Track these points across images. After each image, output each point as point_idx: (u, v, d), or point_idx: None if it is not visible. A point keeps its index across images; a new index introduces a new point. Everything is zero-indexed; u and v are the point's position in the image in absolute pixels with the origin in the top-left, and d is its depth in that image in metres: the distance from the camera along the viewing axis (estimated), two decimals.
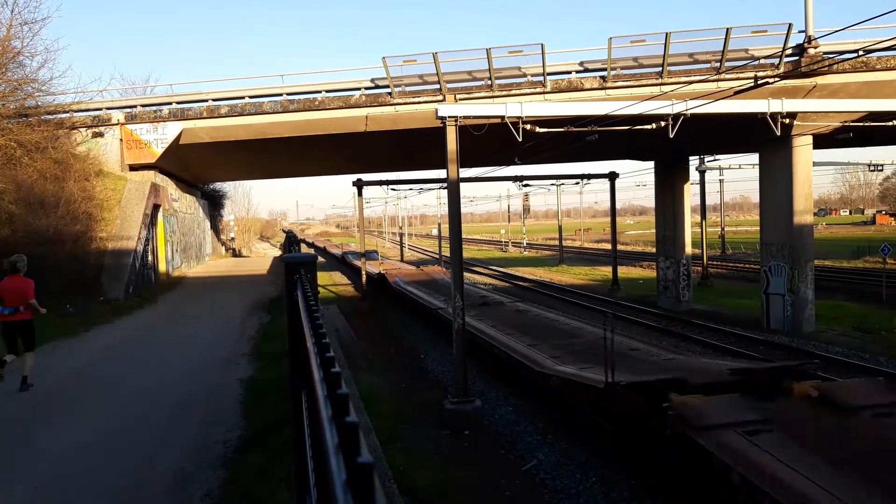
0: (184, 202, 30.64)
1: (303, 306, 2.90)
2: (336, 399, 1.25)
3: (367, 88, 20.10)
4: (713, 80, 17.49)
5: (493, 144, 14.69)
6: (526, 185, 33.81)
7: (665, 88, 17.51)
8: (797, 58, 17.31)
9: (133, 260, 20.60)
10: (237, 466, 6.49)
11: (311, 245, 76.24)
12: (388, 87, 19.38)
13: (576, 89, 18.71)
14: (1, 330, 9.71)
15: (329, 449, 1.10)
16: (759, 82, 16.34)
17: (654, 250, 30.95)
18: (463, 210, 13.46)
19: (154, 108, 22.12)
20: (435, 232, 68.56)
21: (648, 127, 13.73)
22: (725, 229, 50.52)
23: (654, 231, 26.15)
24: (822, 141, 18.44)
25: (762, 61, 17.40)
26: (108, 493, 6.05)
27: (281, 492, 5.48)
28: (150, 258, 23.49)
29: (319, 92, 20.58)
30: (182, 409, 8.69)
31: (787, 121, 14.97)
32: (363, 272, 28.40)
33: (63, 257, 17.88)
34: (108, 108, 22.70)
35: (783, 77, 17.15)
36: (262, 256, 50.67)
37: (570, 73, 19.02)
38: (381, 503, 0.91)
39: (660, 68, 18.00)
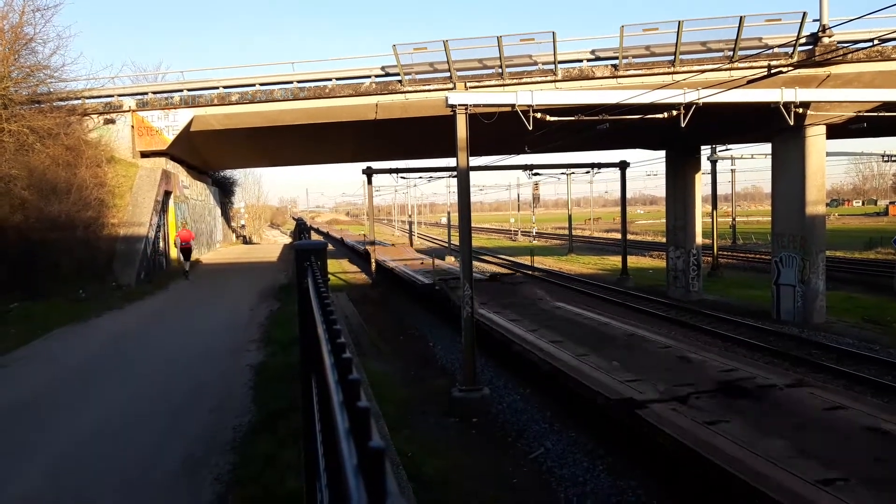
0: (195, 189, 30.75)
1: (313, 293, 2.91)
2: (347, 384, 1.26)
3: (377, 76, 20.06)
4: (726, 69, 17.34)
5: (503, 133, 14.64)
6: (536, 174, 33.73)
7: (677, 77, 17.38)
8: (811, 47, 17.13)
9: (144, 246, 20.73)
10: (247, 452, 6.55)
11: (325, 234, 76.18)
12: (398, 74, 19.33)
13: (587, 78, 18.60)
14: (181, 252, 22.67)
15: (340, 434, 1.10)
16: (772, 71, 16.19)
17: (664, 240, 30.84)
18: (472, 198, 13.45)
19: (165, 95, 22.17)
20: (444, 220, 68.54)
21: (660, 116, 13.65)
22: (736, 219, 50.22)
23: (664, 221, 26.03)
24: (835, 131, 18.26)
25: (776, 50, 17.24)
26: (119, 477, 6.12)
27: (290, 477, 5.52)
28: (161, 244, 23.63)
29: (330, 80, 20.56)
30: (192, 395, 8.76)
31: (801, 110, 14.84)
32: (372, 259, 28.38)
33: (75, 243, 18.01)
34: (120, 95, 22.77)
35: (797, 66, 16.98)
36: (272, 243, 50.84)
37: (581, 61, 18.91)
38: (392, 488, 0.91)
39: (672, 57, 17.86)
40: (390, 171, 28.27)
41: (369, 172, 27.72)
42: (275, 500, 5.31)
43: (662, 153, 25.33)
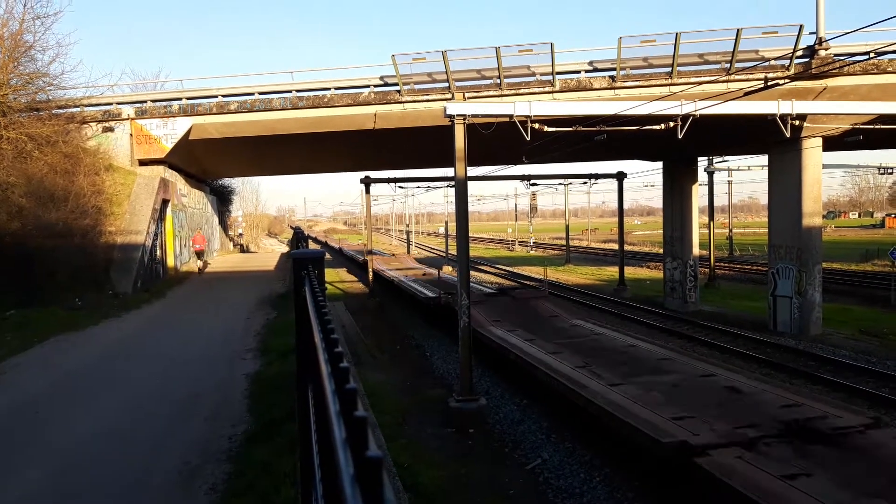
0: (193, 197, 30.75)
1: (311, 302, 2.91)
2: (344, 394, 1.26)
3: (376, 86, 20.12)
4: (723, 81, 17.42)
5: (501, 143, 14.67)
6: (533, 185, 33.76)
7: (674, 89, 17.46)
8: (808, 59, 17.23)
9: (142, 254, 20.71)
10: (242, 461, 6.53)
11: (322, 243, 76.02)
12: (396, 84, 19.39)
13: (585, 89, 18.67)
14: (196, 253, 28.37)
15: (337, 443, 1.11)
16: (769, 84, 16.26)
17: (661, 251, 30.87)
18: (470, 208, 13.47)
19: (164, 103, 22.20)
20: (442, 230, 68.58)
21: (657, 127, 13.69)
22: (733, 231, 50.30)
23: (661, 232, 26.06)
24: (831, 143, 18.33)
25: (772, 62, 17.32)
26: (115, 485, 6.10)
27: (286, 486, 5.51)
28: (158, 253, 23.60)
29: (329, 89, 20.60)
30: (188, 404, 8.74)
31: (797, 122, 14.89)
32: (370, 269, 28.35)
33: (72, 251, 17.98)
34: (119, 103, 22.79)
35: (793, 79, 17.07)
36: (269, 252, 50.81)
37: (579, 72, 18.98)
38: (389, 497, 0.91)
39: (669, 68, 17.94)
40: (388, 180, 28.27)
41: (367, 182, 27.74)
42: None
43: (660, 164, 25.40)
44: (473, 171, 22.65)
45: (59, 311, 15.79)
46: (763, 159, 26.10)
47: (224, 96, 21.50)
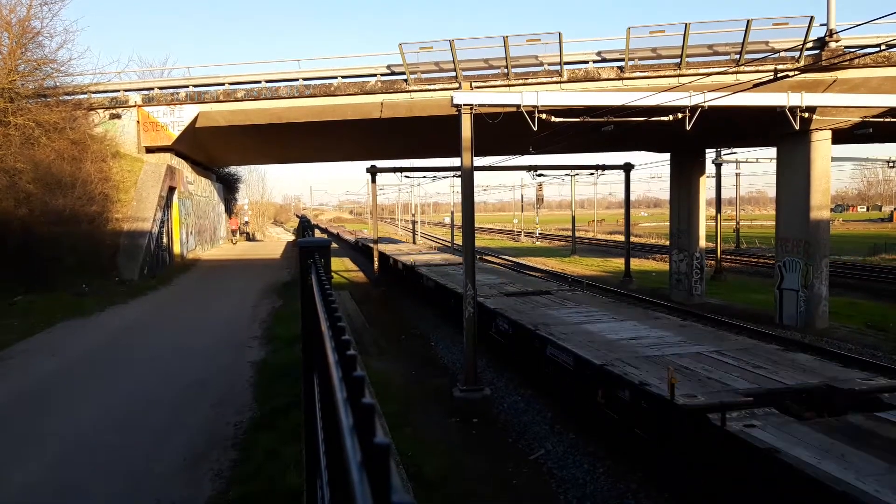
0: (199, 185, 30.79)
1: (317, 290, 2.91)
2: (352, 381, 1.26)
3: (382, 75, 20.06)
4: (732, 73, 17.30)
5: (508, 133, 14.63)
6: (540, 175, 33.64)
7: (683, 80, 17.35)
8: (818, 51, 17.09)
9: (148, 241, 20.77)
10: (248, 447, 6.56)
11: (328, 232, 75.98)
12: (403, 73, 19.33)
13: (593, 79, 18.58)
14: (231, 231, 41.86)
15: (344, 430, 1.11)
16: (778, 75, 16.14)
17: (667, 243, 30.78)
18: (476, 199, 13.41)
19: (171, 90, 22.19)
20: (447, 220, 68.51)
21: (665, 118, 13.62)
22: (740, 223, 50.09)
23: (668, 223, 25.98)
24: (841, 136, 18.21)
25: (782, 54, 17.20)
26: (121, 471, 6.13)
27: (291, 473, 5.53)
28: (164, 240, 23.67)
29: (335, 77, 20.56)
30: (194, 391, 8.78)
31: (807, 115, 14.80)
32: (375, 258, 28.35)
33: (79, 237, 18.05)
34: (126, 90, 22.80)
35: (803, 70, 16.94)
36: (275, 241, 50.88)
37: (587, 62, 18.88)
38: (396, 483, 0.91)
39: (678, 59, 17.83)
40: (394, 169, 28.23)
41: (373, 171, 27.70)
42: (275, 496, 5.31)
43: (667, 156, 25.29)
44: (480, 161, 22.61)
45: (66, 298, 15.87)
46: (771, 151, 25.99)
47: (231, 84, 21.48)
